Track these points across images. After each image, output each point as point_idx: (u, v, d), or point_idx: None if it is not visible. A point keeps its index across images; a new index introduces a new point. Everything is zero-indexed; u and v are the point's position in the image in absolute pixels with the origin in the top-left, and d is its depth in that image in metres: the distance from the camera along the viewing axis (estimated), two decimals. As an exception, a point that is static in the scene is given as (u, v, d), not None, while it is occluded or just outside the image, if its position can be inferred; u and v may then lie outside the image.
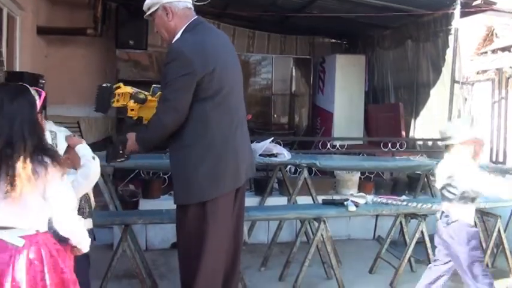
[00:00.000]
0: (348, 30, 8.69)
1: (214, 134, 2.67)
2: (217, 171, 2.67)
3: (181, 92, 2.59)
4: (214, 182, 2.67)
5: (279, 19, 8.00)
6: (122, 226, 3.61)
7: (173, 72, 2.59)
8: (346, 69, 8.22)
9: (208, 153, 2.66)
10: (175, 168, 2.76)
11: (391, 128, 7.23)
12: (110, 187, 4.46)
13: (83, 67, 7.73)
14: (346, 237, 5.63)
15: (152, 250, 4.94)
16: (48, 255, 1.97)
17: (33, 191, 1.92)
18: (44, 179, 1.93)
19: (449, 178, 3.23)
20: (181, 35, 2.70)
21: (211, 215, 2.67)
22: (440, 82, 6.57)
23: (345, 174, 5.69)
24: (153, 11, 2.74)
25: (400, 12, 6.40)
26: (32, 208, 1.96)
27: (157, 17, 2.75)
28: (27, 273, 1.91)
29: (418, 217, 4.20)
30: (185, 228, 2.74)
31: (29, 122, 1.96)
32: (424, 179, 5.60)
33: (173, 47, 2.68)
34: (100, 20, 7.23)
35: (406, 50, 7.45)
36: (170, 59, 2.63)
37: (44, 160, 1.93)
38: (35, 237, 1.97)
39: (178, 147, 2.71)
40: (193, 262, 2.69)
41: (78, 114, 7.65)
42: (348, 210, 3.92)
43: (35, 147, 1.93)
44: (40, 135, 2.01)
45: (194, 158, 2.66)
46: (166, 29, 2.74)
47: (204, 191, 2.66)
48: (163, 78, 2.66)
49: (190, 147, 2.67)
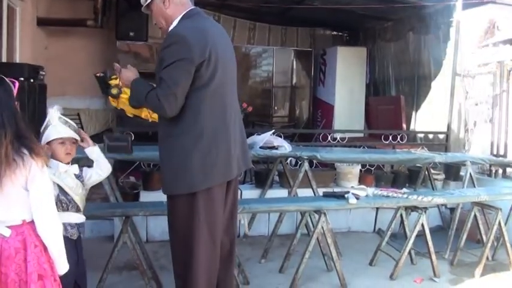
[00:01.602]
0: (349, 22, 8.66)
1: (206, 124, 2.62)
2: (207, 162, 2.63)
3: (181, 78, 2.53)
4: (204, 172, 2.63)
5: (279, 11, 7.97)
6: (123, 218, 3.61)
7: (172, 56, 2.53)
8: (347, 62, 8.20)
9: (199, 143, 2.61)
10: (165, 158, 2.71)
11: (391, 121, 7.22)
12: (111, 179, 4.45)
13: (83, 59, 7.70)
14: (346, 229, 5.64)
15: (153, 242, 4.94)
16: (32, 245, 2.04)
17: (13, 181, 1.97)
18: (22, 169, 1.97)
19: None
20: (180, 22, 2.68)
21: (202, 206, 2.65)
22: (441, 75, 6.56)
23: (346, 166, 5.69)
24: (150, 1, 2.72)
25: (402, 4, 6.37)
26: (15, 199, 2.01)
27: (154, 6, 2.72)
28: (13, 261, 2.00)
29: (419, 210, 4.20)
30: (176, 220, 2.72)
31: (8, 109, 2.00)
32: (424, 172, 5.60)
33: (172, 31, 2.65)
34: (100, 11, 7.20)
35: (407, 43, 7.43)
36: (169, 43, 2.58)
37: (21, 150, 1.98)
38: (21, 227, 2.04)
39: (168, 136, 2.66)
40: (185, 254, 2.68)
41: (79, 106, 7.65)
42: (348, 203, 3.91)
43: (15, 135, 1.97)
44: (19, 123, 2.03)
45: (185, 147, 2.62)
46: (164, 17, 2.72)
47: (194, 181, 2.62)
48: (159, 63, 2.61)
49: (181, 136, 2.62)
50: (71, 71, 7.48)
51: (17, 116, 2.04)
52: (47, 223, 2.07)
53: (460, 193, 4.59)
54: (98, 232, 4.99)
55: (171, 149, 2.67)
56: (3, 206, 2.00)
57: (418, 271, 4.44)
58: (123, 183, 5.30)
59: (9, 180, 1.95)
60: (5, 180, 1.94)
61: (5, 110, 1.99)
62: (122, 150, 3.99)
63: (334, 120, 8.16)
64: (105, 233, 4.98)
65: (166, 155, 2.70)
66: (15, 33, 5.86)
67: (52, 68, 6.27)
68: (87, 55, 7.75)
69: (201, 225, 2.65)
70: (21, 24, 5.96)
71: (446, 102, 6.21)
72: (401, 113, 7.03)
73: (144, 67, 8.12)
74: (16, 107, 2.08)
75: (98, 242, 4.74)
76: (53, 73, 6.19)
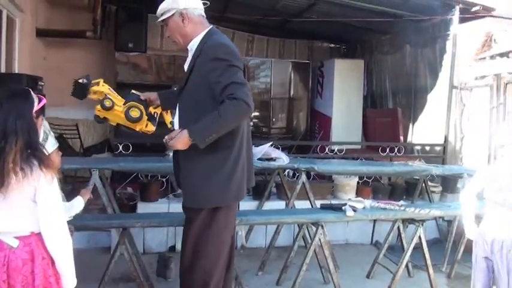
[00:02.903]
0: (346, 35, 8.72)
1: (243, 137, 2.74)
2: (244, 173, 2.76)
3: (246, 84, 2.59)
4: (243, 183, 2.77)
5: (278, 23, 8.02)
6: (120, 229, 3.60)
7: (229, 63, 2.56)
8: (345, 74, 8.24)
9: (240, 155, 2.71)
10: (209, 170, 2.67)
11: (389, 133, 7.24)
12: (108, 190, 4.46)
13: (81, 69, 7.64)
14: (343, 242, 5.63)
15: (150, 253, 4.93)
16: (40, 257, 2.03)
17: (20, 190, 1.96)
18: (30, 179, 1.97)
19: None
20: (210, 36, 2.71)
21: (232, 216, 2.84)
22: (438, 87, 6.60)
23: (343, 178, 5.70)
24: (168, 16, 2.74)
25: (399, 18, 6.43)
26: (22, 210, 2.00)
27: (171, 21, 2.74)
28: (20, 273, 1.99)
29: (416, 222, 4.19)
30: (211, 230, 2.73)
31: (23, 119, 2.02)
32: (422, 184, 5.60)
33: (219, 42, 2.67)
34: (99, 22, 7.24)
35: (404, 55, 7.47)
36: (224, 52, 2.60)
37: (30, 160, 1.98)
38: (29, 238, 2.03)
39: (216, 148, 2.63)
40: (212, 263, 2.75)
41: (77, 117, 7.66)
42: (345, 215, 3.91)
43: (26, 145, 1.98)
44: (32, 134, 2.04)
45: (233, 159, 2.68)
46: (181, 34, 2.76)
47: (239, 192, 2.74)
48: (215, 72, 2.57)
49: (229, 149, 2.66)
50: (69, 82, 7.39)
51: (31, 128, 2.04)
52: (55, 236, 2.05)
53: (457, 205, 4.58)
54: (95, 243, 4.97)
55: (220, 160, 2.67)
56: (10, 216, 2.00)
57: (415, 284, 4.44)
58: (121, 194, 5.30)
59: (16, 190, 1.95)
60: (12, 188, 1.94)
61: (20, 119, 2.00)
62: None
63: (332, 132, 8.18)
64: (102, 244, 4.96)
65: (212, 167, 2.67)
66: (15, 43, 5.88)
67: (51, 78, 6.28)
68: (85, 66, 7.76)
69: (225, 236, 2.79)
70: (20, 35, 5.98)
71: (443, 114, 6.23)
72: (398, 125, 7.05)
73: (143, 78, 8.17)
74: (33, 121, 2.07)
75: (95, 253, 4.72)
76: (52, 84, 6.20)
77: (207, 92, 2.61)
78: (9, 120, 1.98)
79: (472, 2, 5.88)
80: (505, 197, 3.03)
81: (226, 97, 2.49)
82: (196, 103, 2.67)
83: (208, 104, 2.60)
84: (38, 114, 2.15)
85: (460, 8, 5.86)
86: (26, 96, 2.11)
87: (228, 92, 2.50)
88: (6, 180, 1.92)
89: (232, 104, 2.49)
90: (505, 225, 3.03)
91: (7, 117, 1.99)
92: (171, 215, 3.91)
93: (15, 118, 1.99)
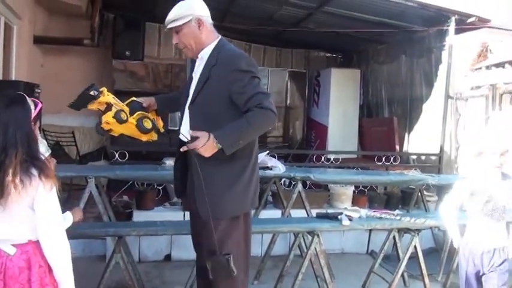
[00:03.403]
0: (343, 45, 8.76)
1: (257, 146, 2.78)
2: (258, 179, 2.82)
3: (270, 95, 2.64)
4: (258, 190, 2.82)
5: (275, 33, 8.06)
6: (115, 237, 3.59)
7: (252, 75, 2.60)
8: (341, 83, 8.28)
9: (256, 163, 2.76)
10: (231, 179, 2.66)
11: (385, 142, 7.27)
12: (104, 198, 4.45)
13: (79, 77, 7.72)
14: (339, 251, 5.63)
15: (145, 262, 4.91)
16: (37, 265, 2.01)
17: (19, 201, 1.95)
18: (29, 189, 1.95)
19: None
20: (223, 46, 2.73)
21: (249, 223, 2.88)
22: (433, 97, 6.64)
23: (339, 187, 5.70)
24: (184, 22, 2.68)
25: (395, 29, 6.47)
26: (20, 218, 1.99)
27: (187, 28, 2.68)
28: (17, 281, 1.97)
29: (412, 232, 4.21)
30: (233, 239, 2.73)
31: (22, 129, 2.00)
32: (417, 194, 5.61)
33: (242, 53, 2.72)
34: (97, 30, 7.26)
35: (400, 65, 7.52)
36: (248, 64, 2.63)
37: (30, 171, 1.96)
38: (26, 246, 2.02)
39: (237, 157, 2.63)
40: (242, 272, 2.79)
41: (73, 124, 7.66)
42: (341, 224, 3.92)
43: (26, 156, 1.97)
44: (31, 144, 2.02)
45: (251, 168, 2.71)
46: (196, 40, 2.71)
47: (254, 200, 2.78)
48: (239, 82, 2.58)
49: (248, 158, 2.69)
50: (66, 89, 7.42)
51: (30, 137, 2.03)
52: (53, 244, 2.03)
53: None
54: (90, 252, 4.95)
55: (239, 170, 2.68)
56: (8, 223, 1.98)
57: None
58: (116, 203, 5.29)
59: (15, 200, 1.94)
60: (11, 199, 1.93)
61: (19, 130, 1.99)
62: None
63: (328, 141, 8.20)
64: (97, 252, 4.94)
65: (231, 177, 2.67)
66: (12, 50, 5.88)
67: (48, 85, 6.29)
68: (83, 73, 7.79)
69: (245, 244, 2.84)
70: (18, 42, 5.99)
71: (438, 124, 6.26)
72: (394, 135, 7.08)
73: (140, 86, 8.18)
74: (31, 128, 2.06)
75: (90, 261, 4.70)
76: (49, 91, 6.21)
77: (224, 102, 2.61)
78: (9, 132, 1.96)
79: (468, 13, 5.92)
80: (493, 207, 3.03)
81: (254, 106, 2.53)
82: (212, 113, 2.64)
83: (224, 114, 2.61)
84: (35, 120, 2.13)
85: (455, 19, 5.91)
86: (23, 103, 2.07)
87: (254, 102, 2.53)
88: (5, 192, 1.91)
89: (260, 113, 2.53)
90: (493, 236, 3.04)
91: (6, 129, 1.97)
92: (167, 223, 3.90)
93: (15, 129, 1.97)
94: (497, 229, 3.07)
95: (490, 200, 3.04)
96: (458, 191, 3.24)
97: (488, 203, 3.04)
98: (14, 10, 5.63)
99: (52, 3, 6.70)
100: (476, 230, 3.12)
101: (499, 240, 3.08)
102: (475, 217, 3.13)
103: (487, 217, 3.05)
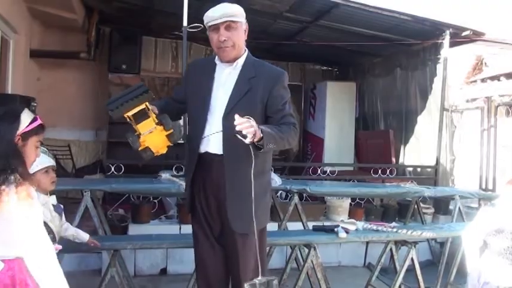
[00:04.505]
0: (338, 58, 8.82)
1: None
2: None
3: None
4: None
5: (270, 46, 8.10)
6: (111, 251, 3.56)
7: (288, 93, 2.71)
8: (337, 96, 8.32)
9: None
10: (260, 193, 2.66)
11: (381, 155, 7.28)
12: (100, 211, 4.43)
13: (75, 90, 7.76)
14: (336, 264, 5.60)
15: (141, 276, 4.87)
16: (23, 283, 1.93)
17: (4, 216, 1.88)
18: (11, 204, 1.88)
19: None
20: (255, 59, 2.78)
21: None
22: (429, 110, 6.66)
23: (336, 200, 5.69)
24: (241, 21, 2.67)
25: (390, 42, 6.52)
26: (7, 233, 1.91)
27: (241, 27, 2.67)
28: None
29: (409, 244, 4.19)
30: (262, 249, 2.75)
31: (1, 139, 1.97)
32: (414, 206, 5.61)
33: (283, 70, 2.79)
34: (93, 44, 7.29)
35: (395, 78, 7.56)
36: (286, 82, 2.72)
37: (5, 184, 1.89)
38: (13, 262, 1.94)
39: (261, 172, 2.66)
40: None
41: (69, 138, 7.66)
42: (338, 237, 3.91)
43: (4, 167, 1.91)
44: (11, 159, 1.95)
45: (270, 181, 2.84)
46: (241, 44, 2.70)
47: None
48: (279, 99, 2.65)
49: (269, 172, 2.80)
50: (62, 103, 7.51)
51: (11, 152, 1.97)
52: (36, 261, 1.94)
53: (450, 227, 4.60)
54: (85, 266, 4.91)
55: (266, 184, 2.76)
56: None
57: (408, 306, 4.41)
58: (112, 216, 5.26)
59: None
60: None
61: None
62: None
63: (324, 154, 8.21)
64: (92, 266, 4.90)
65: (261, 191, 2.68)
66: (8, 64, 5.89)
67: (44, 99, 6.29)
68: (79, 87, 7.81)
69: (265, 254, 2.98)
70: (14, 55, 6.00)
71: (434, 136, 6.28)
72: (390, 147, 7.10)
73: (136, 99, 8.17)
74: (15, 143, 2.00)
75: (85, 275, 4.65)
76: (45, 104, 6.20)
77: (260, 115, 2.63)
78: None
79: (463, 26, 5.98)
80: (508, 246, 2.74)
81: (289, 123, 2.63)
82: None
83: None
84: (31, 134, 2.08)
85: (450, 33, 5.95)
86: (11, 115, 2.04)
87: (287, 120, 2.63)
88: None
89: (293, 130, 2.62)
90: (504, 276, 2.77)
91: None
92: (163, 236, 3.88)
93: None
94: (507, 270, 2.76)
95: (507, 237, 2.74)
96: (484, 221, 2.90)
97: (505, 241, 2.75)
98: (10, 24, 5.65)
99: (48, 17, 6.72)
100: (493, 269, 2.81)
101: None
102: (495, 256, 2.82)
103: (508, 261, 2.75)
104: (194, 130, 2.73)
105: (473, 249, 2.94)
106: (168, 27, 7.28)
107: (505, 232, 2.75)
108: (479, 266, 2.88)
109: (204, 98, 2.67)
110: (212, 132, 2.61)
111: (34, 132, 2.10)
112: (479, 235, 2.89)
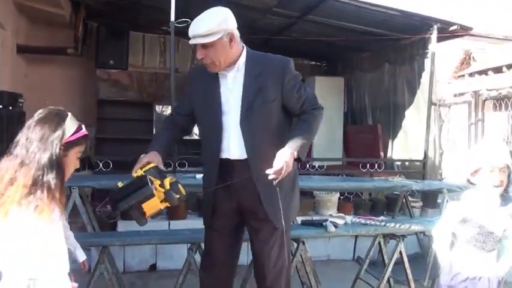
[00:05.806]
0: (327, 53, 8.83)
1: None
2: None
3: None
4: None
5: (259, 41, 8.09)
6: (100, 248, 3.55)
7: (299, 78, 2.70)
8: (325, 91, 8.31)
9: None
10: (293, 186, 2.79)
11: (369, 149, 7.32)
12: (88, 208, 4.41)
13: (62, 86, 7.69)
14: (325, 257, 5.62)
15: (130, 272, 4.87)
16: None
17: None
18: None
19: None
20: (258, 53, 2.74)
21: None
22: (416, 104, 6.70)
23: (324, 194, 5.71)
24: (217, 38, 2.45)
25: (379, 37, 6.53)
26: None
27: (219, 44, 2.47)
28: None
29: (397, 237, 4.22)
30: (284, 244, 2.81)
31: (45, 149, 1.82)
32: (402, 200, 5.65)
33: (286, 57, 2.75)
34: (80, 39, 7.24)
35: (383, 73, 7.59)
36: (293, 66, 2.72)
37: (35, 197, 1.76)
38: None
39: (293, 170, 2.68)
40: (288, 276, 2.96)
41: (57, 134, 7.59)
42: (327, 231, 3.93)
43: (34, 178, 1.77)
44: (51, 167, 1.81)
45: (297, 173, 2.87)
46: (224, 55, 2.52)
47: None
48: (294, 89, 2.64)
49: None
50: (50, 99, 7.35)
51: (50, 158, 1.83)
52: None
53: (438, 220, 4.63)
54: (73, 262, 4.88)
55: (295, 177, 2.80)
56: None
57: (397, 299, 4.44)
58: (101, 213, 5.23)
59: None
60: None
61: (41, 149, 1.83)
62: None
63: (313, 149, 8.22)
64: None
65: (295, 184, 2.81)
66: (-5, 60, 5.84)
67: (31, 95, 6.23)
68: (66, 83, 7.75)
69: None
70: (1, 51, 5.94)
71: (422, 131, 6.32)
72: (378, 142, 7.14)
73: (124, 95, 8.14)
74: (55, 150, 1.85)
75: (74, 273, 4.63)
76: (32, 101, 6.12)
77: (277, 107, 2.62)
78: (31, 147, 1.82)
79: (450, 21, 6.01)
80: (485, 240, 2.74)
81: (311, 108, 2.64)
82: (271, 122, 2.61)
83: (280, 119, 2.66)
84: (72, 145, 1.93)
85: (438, 27, 5.98)
86: (56, 123, 1.90)
87: (308, 104, 2.65)
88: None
89: (319, 113, 2.68)
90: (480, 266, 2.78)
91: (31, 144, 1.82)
92: (152, 233, 3.87)
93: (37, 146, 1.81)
94: (485, 259, 2.77)
95: (481, 231, 2.74)
96: (451, 215, 2.92)
97: (480, 235, 2.75)
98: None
99: (35, 12, 6.66)
100: (463, 258, 2.84)
101: (486, 270, 2.78)
102: (463, 245, 2.84)
103: (476, 248, 2.77)
104: (210, 138, 2.66)
105: (444, 243, 2.94)
106: (156, 22, 7.25)
107: (471, 221, 2.77)
108: (450, 258, 2.92)
109: (215, 104, 2.60)
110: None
111: (78, 142, 1.95)
112: (449, 229, 2.90)
